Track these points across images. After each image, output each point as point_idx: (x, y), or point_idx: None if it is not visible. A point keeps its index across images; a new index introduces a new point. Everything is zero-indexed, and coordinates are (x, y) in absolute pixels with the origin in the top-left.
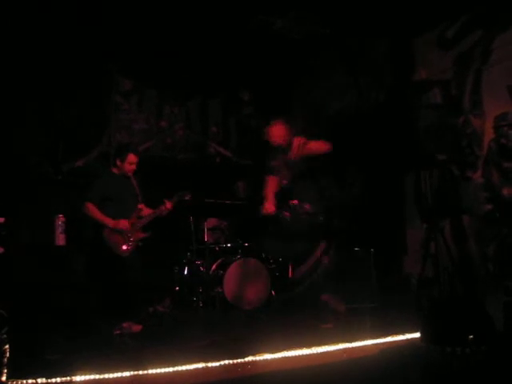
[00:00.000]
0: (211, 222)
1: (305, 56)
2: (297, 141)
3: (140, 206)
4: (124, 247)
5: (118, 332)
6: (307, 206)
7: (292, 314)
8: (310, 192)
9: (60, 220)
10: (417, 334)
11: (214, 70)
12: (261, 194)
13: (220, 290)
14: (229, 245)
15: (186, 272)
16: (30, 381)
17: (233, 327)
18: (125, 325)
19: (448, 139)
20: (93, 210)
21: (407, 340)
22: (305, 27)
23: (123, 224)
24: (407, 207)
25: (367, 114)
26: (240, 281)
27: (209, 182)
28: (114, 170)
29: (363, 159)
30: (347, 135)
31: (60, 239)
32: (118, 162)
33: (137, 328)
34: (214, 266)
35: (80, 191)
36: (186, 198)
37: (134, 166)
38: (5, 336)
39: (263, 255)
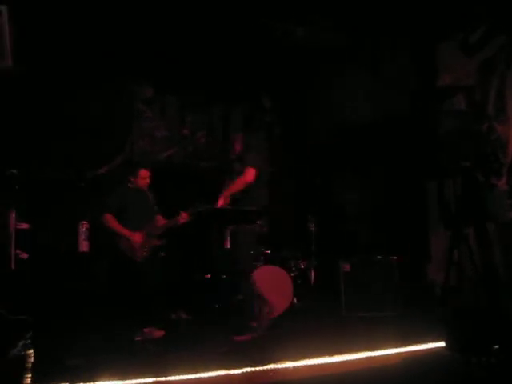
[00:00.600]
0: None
1: (326, 62)
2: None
3: (157, 216)
4: (138, 253)
5: (139, 338)
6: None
7: (314, 322)
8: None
9: (84, 227)
10: (441, 343)
11: (236, 77)
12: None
13: (242, 298)
14: (251, 252)
15: (206, 278)
16: None
17: (249, 330)
18: (146, 330)
19: (472, 146)
20: (111, 221)
21: (431, 349)
22: (326, 35)
23: (137, 238)
24: (430, 215)
25: (390, 120)
26: (262, 288)
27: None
28: (130, 185)
29: (386, 166)
30: (369, 142)
31: (83, 245)
32: (131, 178)
33: (159, 334)
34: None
35: (103, 198)
36: (201, 209)
37: (147, 181)
38: (29, 341)
39: (286, 263)
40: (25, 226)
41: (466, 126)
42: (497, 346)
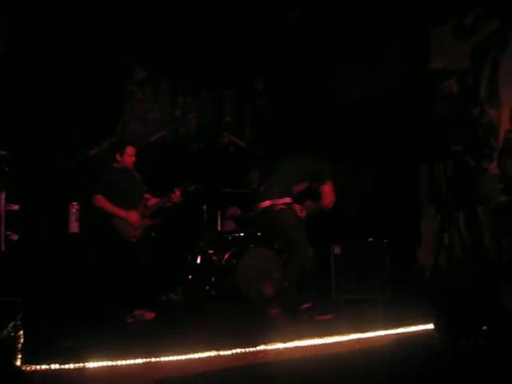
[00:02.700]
0: (232, 210)
1: (320, 46)
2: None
3: (146, 195)
4: (132, 233)
5: (130, 319)
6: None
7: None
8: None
9: (74, 208)
10: (430, 325)
11: (229, 59)
12: None
13: (232, 280)
14: (242, 234)
15: (198, 261)
16: (43, 366)
17: (245, 316)
18: (137, 312)
19: (464, 130)
20: (103, 202)
21: (420, 331)
22: (319, 17)
23: (133, 217)
24: (421, 198)
25: (383, 104)
26: (253, 271)
27: (222, 171)
28: (116, 165)
29: (378, 149)
30: (362, 126)
31: (74, 227)
32: (118, 157)
33: (149, 315)
34: (226, 256)
35: (93, 180)
36: (189, 189)
37: (133, 158)
38: (19, 322)
39: (276, 245)
40: (15, 207)
41: (457, 109)
42: (485, 328)
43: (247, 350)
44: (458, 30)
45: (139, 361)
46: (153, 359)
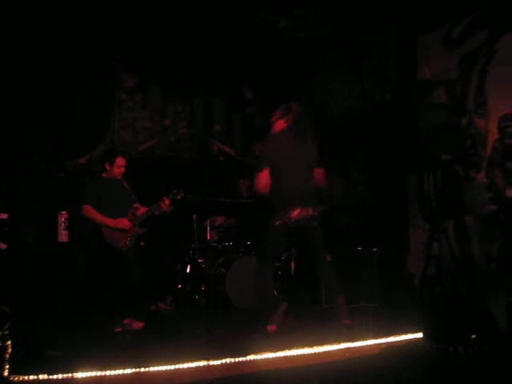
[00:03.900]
0: (218, 220)
1: (309, 55)
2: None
3: (135, 204)
4: (121, 242)
5: (119, 329)
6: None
7: (294, 313)
8: None
9: (63, 217)
10: (419, 334)
11: (218, 68)
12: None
13: (222, 289)
14: (231, 243)
15: (188, 270)
16: (31, 377)
17: (234, 326)
18: (126, 322)
19: (452, 139)
20: (92, 212)
21: (409, 340)
22: (308, 26)
23: (124, 223)
24: (410, 207)
25: (371, 113)
26: (242, 279)
27: (212, 180)
28: (104, 175)
29: (367, 159)
30: (351, 135)
31: (63, 236)
32: (107, 166)
33: (138, 325)
34: (216, 265)
35: (82, 189)
36: (179, 197)
37: (122, 169)
38: (7, 332)
39: None
40: (3, 216)
41: (446, 119)
42: (474, 336)
43: (237, 359)
44: (447, 40)
45: (128, 371)
46: (142, 369)
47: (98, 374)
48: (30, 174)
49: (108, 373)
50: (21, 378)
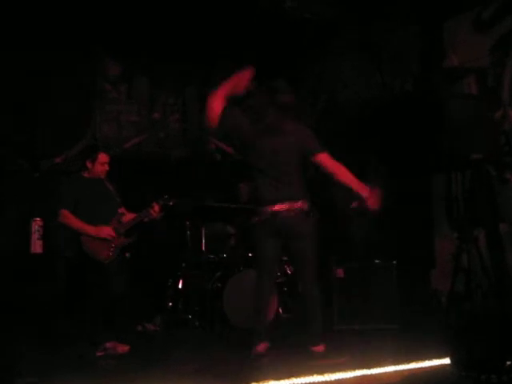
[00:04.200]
0: (215, 228)
1: (319, 40)
2: None
3: (120, 210)
4: (104, 253)
5: (101, 353)
6: None
7: (302, 336)
8: None
9: (37, 224)
10: (446, 360)
11: (215, 54)
12: None
13: (219, 307)
14: (229, 255)
15: (180, 286)
16: None
17: (233, 349)
18: (109, 345)
19: (483, 136)
20: (69, 218)
21: (435, 366)
22: (315, 6)
23: (106, 232)
24: (436, 213)
25: (390, 105)
26: (242, 296)
27: (208, 182)
28: (85, 174)
29: (386, 157)
30: (367, 129)
31: (36, 246)
32: (89, 164)
33: (123, 349)
34: (212, 279)
35: (59, 192)
36: (170, 203)
37: (106, 167)
38: None
39: None
40: None
41: (476, 112)
42: (509, 362)
43: None
44: (478, 23)
45: None
46: None
47: None
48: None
49: None
50: None
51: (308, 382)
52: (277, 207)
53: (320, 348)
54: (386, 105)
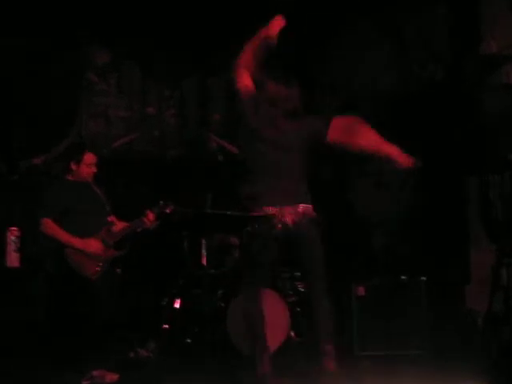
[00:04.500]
0: (217, 238)
1: (337, 18)
2: None
3: (110, 218)
4: (91, 269)
5: (87, 382)
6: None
7: (317, 363)
8: None
9: (13, 234)
10: None
11: (218, 39)
12: None
13: (222, 330)
14: (234, 270)
15: (177, 305)
16: None
17: (238, 378)
18: (96, 373)
19: None
20: (53, 228)
21: None
22: None
23: (94, 247)
24: (471, 222)
25: (418, 97)
26: (247, 317)
27: (209, 186)
28: (69, 177)
29: (412, 156)
30: (390, 124)
31: (13, 259)
32: (73, 166)
33: (112, 378)
34: (214, 298)
35: (39, 197)
36: (168, 210)
37: (93, 169)
38: None
39: (280, 283)
40: None
41: None
42: None
43: None
44: None
45: None
46: None
47: None
48: None
49: None
50: None
51: None
52: (276, 210)
53: (329, 349)
54: (412, 98)
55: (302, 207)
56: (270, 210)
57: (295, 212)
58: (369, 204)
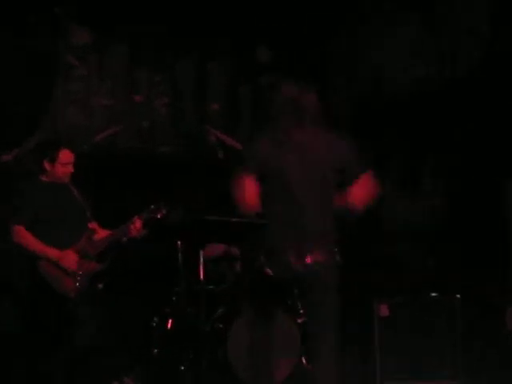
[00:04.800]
0: (214, 249)
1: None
2: None
3: (91, 225)
4: (68, 284)
5: None
6: None
7: None
8: None
9: None
10: None
11: (218, 17)
12: None
13: (222, 356)
14: (235, 286)
15: (169, 326)
16: None
17: None
18: None
19: None
20: (25, 237)
21: None
22: None
23: (70, 259)
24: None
25: (451, 88)
26: (252, 342)
27: (207, 187)
28: (43, 178)
29: (444, 158)
30: (419, 121)
31: None
32: (47, 165)
33: None
34: (212, 318)
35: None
36: (159, 215)
37: (70, 168)
38: None
39: (289, 302)
40: None
41: None
42: None
43: None
44: None
45: None
46: None
47: None
48: None
49: None
50: None
51: None
52: (296, 259)
53: None
54: (446, 88)
55: (327, 252)
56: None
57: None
58: (394, 211)
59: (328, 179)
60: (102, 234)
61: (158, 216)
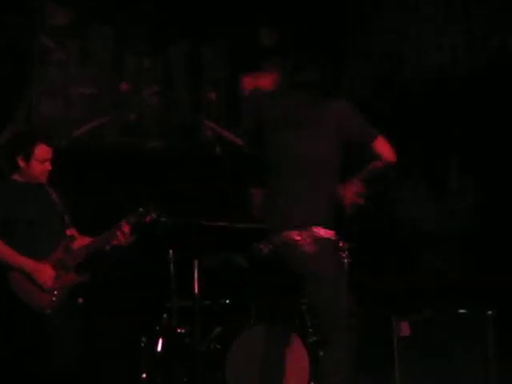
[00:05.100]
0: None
1: None
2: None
3: (69, 231)
4: (45, 299)
5: None
6: None
7: None
8: None
9: None
10: None
11: None
12: None
13: (219, 380)
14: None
15: (159, 347)
16: None
17: None
18: None
19: None
20: None
21: None
22: None
23: (46, 272)
24: None
25: (483, 75)
26: (254, 364)
27: (202, 188)
28: (16, 177)
29: (475, 155)
30: (446, 113)
31: None
32: (21, 162)
33: None
34: (209, 338)
35: None
36: (147, 219)
37: (47, 166)
38: None
39: (297, 319)
40: None
41: None
42: None
43: None
44: None
45: None
46: None
47: None
48: None
49: None
50: None
51: None
52: (288, 234)
53: None
54: (475, 74)
55: (322, 231)
56: (283, 235)
57: (310, 238)
58: (416, 215)
59: (325, 149)
60: (82, 241)
61: (146, 220)
